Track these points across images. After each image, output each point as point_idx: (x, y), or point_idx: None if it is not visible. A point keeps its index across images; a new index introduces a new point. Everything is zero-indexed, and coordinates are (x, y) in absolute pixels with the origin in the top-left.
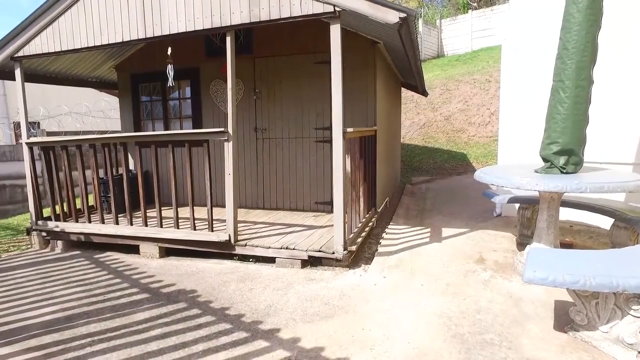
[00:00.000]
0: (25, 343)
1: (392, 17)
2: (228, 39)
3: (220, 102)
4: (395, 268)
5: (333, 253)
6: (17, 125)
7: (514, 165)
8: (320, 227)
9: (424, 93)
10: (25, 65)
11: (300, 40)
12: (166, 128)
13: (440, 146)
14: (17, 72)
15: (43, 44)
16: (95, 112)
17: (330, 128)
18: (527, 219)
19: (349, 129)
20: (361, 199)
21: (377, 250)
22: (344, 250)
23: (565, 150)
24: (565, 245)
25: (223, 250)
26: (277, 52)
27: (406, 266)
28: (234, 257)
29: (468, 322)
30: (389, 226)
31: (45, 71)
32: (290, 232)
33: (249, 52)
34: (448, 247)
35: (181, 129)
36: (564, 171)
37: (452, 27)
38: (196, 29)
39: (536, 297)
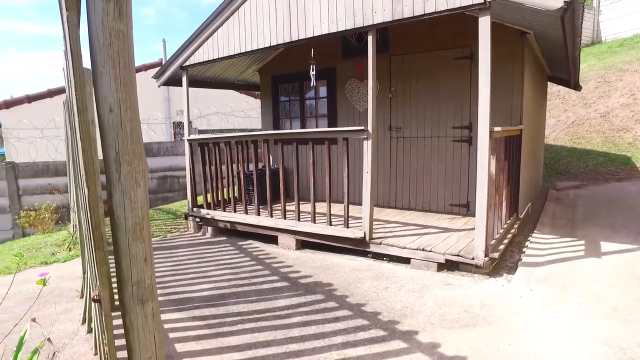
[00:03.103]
0: (191, 312)
1: (554, 2)
2: (370, 38)
3: (356, 101)
4: (544, 281)
5: (473, 259)
6: (175, 125)
7: None
8: (457, 230)
9: (576, 87)
10: (189, 73)
11: (438, 35)
12: (303, 126)
13: (593, 147)
14: (184, 79)
15: (204, 53)
16: (237, 112)
17: (469, 127)
18: None
19: (496, 128)
20: (504, 204)
21: (520, 259)
22: (484, 257)
23: None
24: None
25: (357, 247)
26: (414, 49)
27: (556, 281)
28: (368, 255)
29: None
30: (533, 234)
31: (203, 77)
32: (425, 234)
33: (385, 50)
34: (610, 265)
35: (317, 127)
36: None
37: (614, 7)
38: (338, 30)
39: None
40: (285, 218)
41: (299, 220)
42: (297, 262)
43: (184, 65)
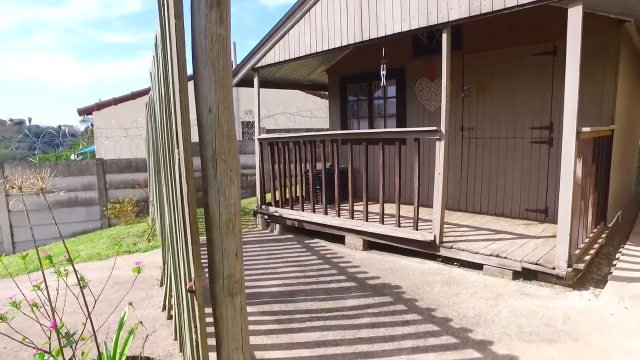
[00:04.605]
0: (261, 307)
1: None
2: (444, 36)
3: (426, 101)
4: None
5: (553, 268)
6: (244, 125)
7: None
8: (534, 237)
9: None
10: (260, 74)
11: (516, 30)
12: (370, 126)
13: None
14: (255, 80)
15: (275, 55)
16: (304, 112)
17: (549, 127)
18: None
19: (585, 128)
20: (590, 210)
21: (610, 272)
22: (567, 267)
23: None
24: None
25: (426, 250)
26: (489, 46)
27: None
28: (437, 259)
29: None
30: (625, 246)
31: (272, 78)
32: (499, 239)
33: (458, 47)
34: None
35: (385, 127)
36: None
37: None
38: (411, 28)
39: None
40: (352, 218)
41: (366, 220)
42: (365, 263)
43: (256, 66)
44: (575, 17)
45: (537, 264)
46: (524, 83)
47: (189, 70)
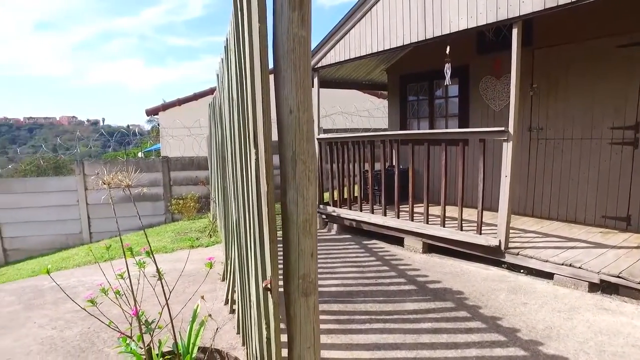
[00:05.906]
0: (320, 306)
1: None
2: (515, 32)
3: (490, 100)
4: None
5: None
6: None
7: None
8: (613, 247)
9: None
10: (320, 74)
11: (597, 21)
12: (431, 127)
13: None
14: (315, 80)
15: (336, 54)
16: (362, 112)
17: (634, 127)
18: None
19: None
20: None
21: None
22: None
23: None
24: None
25: (489, 256)
26: (564, 40)
27: None
28: (502, 265)
29: None
30: None
31: (332, 78)
32: (572, 248)
33: (528, 43)
34: None
35: (446, 127)
36: None
37: None
38: (478, 24)
39: None
40: (412, 220)
41: (427, 223)
42: (424, 266)
43: (316, 67)
44: None
45: (619, 276)
46: (605, 79)
47: None
